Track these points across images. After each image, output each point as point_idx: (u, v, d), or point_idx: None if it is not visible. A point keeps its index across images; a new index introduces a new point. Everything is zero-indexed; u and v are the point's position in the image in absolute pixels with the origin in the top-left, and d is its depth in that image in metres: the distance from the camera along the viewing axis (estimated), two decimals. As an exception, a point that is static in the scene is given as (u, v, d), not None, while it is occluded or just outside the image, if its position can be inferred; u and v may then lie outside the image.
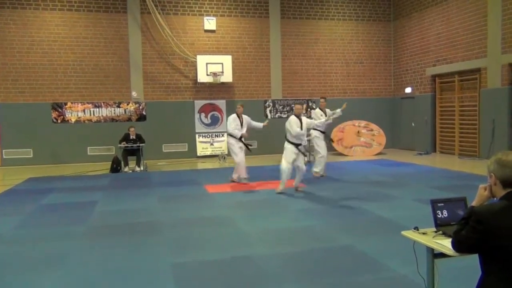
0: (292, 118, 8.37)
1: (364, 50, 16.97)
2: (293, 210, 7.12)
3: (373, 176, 10.48)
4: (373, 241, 5.33)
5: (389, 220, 6.30)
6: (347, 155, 15.06)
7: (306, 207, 7.32)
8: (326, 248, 5.14)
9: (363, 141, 15.52)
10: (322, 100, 10.81)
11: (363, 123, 15.98)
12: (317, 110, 10.62)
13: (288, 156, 8.28)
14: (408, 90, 16.33)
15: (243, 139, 9.57)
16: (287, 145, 8.33)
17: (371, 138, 15.62)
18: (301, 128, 8.26)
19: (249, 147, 10.04)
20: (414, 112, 16.10)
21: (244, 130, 9.56)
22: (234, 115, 9.68)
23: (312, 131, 10.37)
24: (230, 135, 9.59)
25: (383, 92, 17.32)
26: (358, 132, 15.66)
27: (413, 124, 16.16)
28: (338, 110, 10.77)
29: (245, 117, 9.75)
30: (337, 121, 15.90)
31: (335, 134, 15.61)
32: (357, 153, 15.18)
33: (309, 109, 16.24)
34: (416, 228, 3.12)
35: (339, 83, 16.77)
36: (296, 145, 8.28)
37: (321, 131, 10.40)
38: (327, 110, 10.66)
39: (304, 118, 8.51)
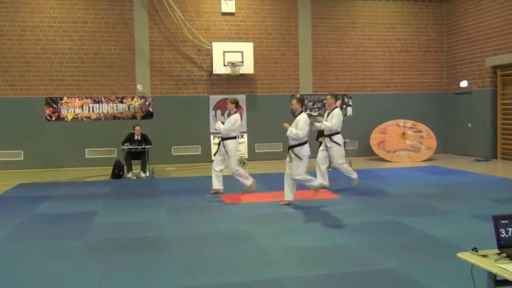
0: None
1: (410, 36, 16.78)
2: (324, 226, 7.07)
3: (420, 186, 10.36)
4: (421, 265, 5.23)
5: (440, 239, 6.19)
6: (389, 161, 14.92)
7: (339, 222, 7.26)
8: (362, 272, 5.08)
9: (409, 144, 15.36)
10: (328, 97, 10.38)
11: (409, 123, 15.81)
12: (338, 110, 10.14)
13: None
14: (463, 84, 16.08)
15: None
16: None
17: (419, 141, 15.44)
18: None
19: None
20: (470, 111, 15.85)
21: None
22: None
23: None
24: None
25: (434, 86, 17.10)
26: (404, 133, 15.50)
27: (469, 125, 15.90)
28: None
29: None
30: (378, 120, 15.84)
31: (375, 136, 15.49)
32: (402, 158, 15.02)
33: (344, 106, 16.16)
34: (475, 250, 3.06)
35: (380, 75, 16.64)
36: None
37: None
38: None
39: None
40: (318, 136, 13.35)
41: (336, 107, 10.00)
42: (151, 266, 5.37)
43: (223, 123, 9.62)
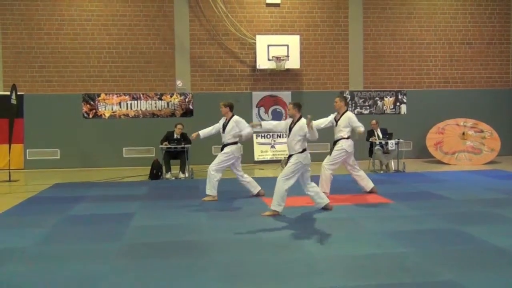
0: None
1: (472, 27, 16.35)
2: (376, 233, 6.97)
3: (482, 191, 10.11)
4: (483, 278, 5.10)
5: (504, 250, 6.02)
6: (448, 164, 14.60)
7: (393, 229, 7.15)
8: (420, 283, 4.98)
9: (470, 145, 14.99)
10: (336, 99, 10.12)
11: (470, 122, 15.43)
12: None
13: None
14: (532, 79, 15.57)
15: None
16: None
17: (481, 142, 15.05)
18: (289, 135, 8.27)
19: None
20: (540, 109, 15.33)
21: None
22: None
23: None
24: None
25: (498, 82, 16.60)
26: (464, 133, 15.15)
27: (538, 124, 15.38)
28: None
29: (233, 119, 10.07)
30: (436, 119, 15.50)
31: (431, 136, 15.19)
32: (462, 161, 14.67)
33: (398, 104, 15.90)
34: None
35: (438, 70, 16.28)
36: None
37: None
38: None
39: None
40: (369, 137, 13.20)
41: (347, 110, 9.88)
42: (189, 271, 5.42)
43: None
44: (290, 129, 8.21)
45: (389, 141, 12.89)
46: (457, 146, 15.00)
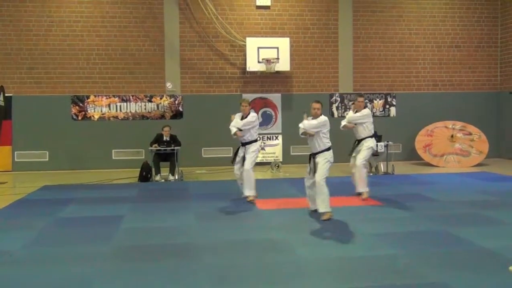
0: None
1: (461, 30, 16.47)
2: (366, 235, 7.00)
3: (470, 193, 10.17)
4: (473, 279, 5.15)
5: (493, 252, 6.07)
6: (436, 166, 14.67)
7: (383, 231, 7.19)
8: (411, 285, 5.01)
9: (459, 148, 15.08)
10: (360, 99, 10.03)
11: (458, 124, 15.52)
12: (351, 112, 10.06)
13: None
14: (520, 82, 15.71)
15: (250, 145, 9.50)
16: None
17: (469, 145, 15.14)
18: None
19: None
20: (527, 111, 15.47)
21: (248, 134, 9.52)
22: (239, 113, 9.68)
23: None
24: None
25: (486, 85, 16.73)
26: (452, 136, 15.23)
27: (526, 127, 15.51)
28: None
29: (250, 115, 9.62)
30: (425, 122, 15.60)
31: (420, 138, 15.27)
32: (451, 163, 14.76)
33: (387, 106, 15.97)
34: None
35: (427, 73, 16.38)
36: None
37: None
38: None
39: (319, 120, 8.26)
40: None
41: (366, 107, 10.11)
42: (179, 274, 5.41)
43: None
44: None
45: (379, 144, 12.93)
46: (445, 148, 15.09)
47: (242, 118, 9.48)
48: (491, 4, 16.58)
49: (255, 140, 9.59)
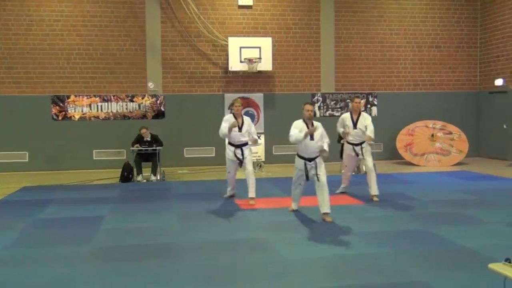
0: (296, 123, 8.02)
1: (442, 30, 16.65)
2: (348, 234, 7.05)
3: (450, 192, 10.28)
4: (452, 277, 5.21)
5: (472, 250, 6.16)
6: (417, 165, 14.81)
7: (364, 230, 7.24)
8: (391, 284, 5.06)
9: (439, 147, 15.24)
10: (357, 100, 9.78)
11: (439, 124, 15.68)
12: (346, 115, 9.87)
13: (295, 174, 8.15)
14: (498, 82, 15.90)
15: (246, 147, 9.31)
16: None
17: (449, 144, 15.31)
18: (311, 138, 7.78)
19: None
20: (506, 111, 15.66)
21: (244, 136, 9.26)
22: (229, 115, 9.41)
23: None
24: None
25: (466, 84, 16.93)
26: (433, 135, 15.38)
27: (505, 126, 15.70)
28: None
29: (246, 118, 9.41)
30: (405, 121, 15.75)
31: (401, 137, 15.40)
32: (431, 162, 14.91)
33: (369, 106, 16.08)
34: (508, 260, 3.03)
35: (408, 73, 16.53)
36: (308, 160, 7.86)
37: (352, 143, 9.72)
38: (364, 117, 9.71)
39: (319, 125, 7.99)
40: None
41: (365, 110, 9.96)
42: (161, 275, 5.40)
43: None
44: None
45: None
46: (426, 147, 15.24)
47: (235, 118, 9.21)
48: (471, 4, 16.78)
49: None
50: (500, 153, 15.88)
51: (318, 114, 15.73)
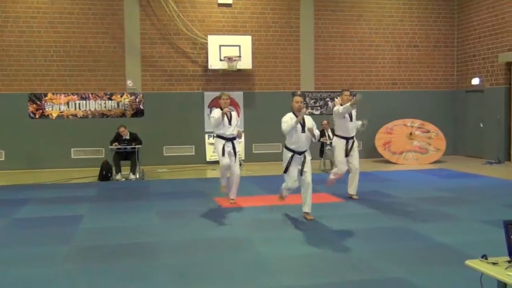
0: (286, 115, 7.77)
1: (419, 30, 16.81)
2: (326, 231, 7.09)
3: (428, 190, 10.39)
4: (429, 273, 5.27)
5: (449, 246, 6.24)
6: (395, 163, 14.94)
7: (343, 227, 7.28)
8: (368, 280, 5.10)
9: (417, 145, 15.38)
10: (346, 93, 9.52)
11: (417, 122, 15.83)
12: (336, 108, 9.54)
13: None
14: (475, 81, 16.11)
15: (235, 142, 9.04)
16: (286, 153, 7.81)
17: (427, 142, 15.46)
18: (303, 130, 7.60)
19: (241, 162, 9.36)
20: (483, 110, 15.88)
21: (233, 130, 8.98)
22: (217, 109, 9.03)
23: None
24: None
25: (443, 83, 17.13)
26: (411, 134, 15.52)
27: (481, 125, 15.93)
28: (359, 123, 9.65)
29: (233, 113, 9.16)
30: (384, 119, 15.87)
31: (380, 136, 15.52)
32: (409, 160, 15.05)
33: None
34: (485, 257, 3.08)
35: (387, 72, 16.66)
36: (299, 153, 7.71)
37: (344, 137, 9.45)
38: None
39: (308, 118, 7.82)
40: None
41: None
42: (140, 274, 5.38)
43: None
44: (304, 124, 7.67)
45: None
46: (404, 146, 15.38)
47: (222, 112, 8.85)
48: (447, 4, 16.98)
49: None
50: (476, 151, 16.10)
51: (297, 113, 15.76)
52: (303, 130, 7.62)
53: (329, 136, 13.47)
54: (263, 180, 11.94)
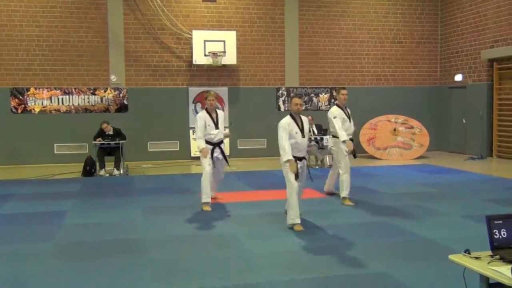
0: (283, 122, 7.09)
1: (403, 26, 16.92)
2: (312, 227, 7.12)
3: (412, 185, 10.49)
4: (412, 268, 5.32)
5: (432, 241, 6.30)
6: (379, 159, 15.04)
7: (328, 223, 7.32)
8: (353, 275, 5.15)
9: (401, 141, 15.49)
10: (343, 92, 8.99)
11: (400, 118, 15.95)
12: (334, 108, 9.04)
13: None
14: (458, 77, 16.26)
15: (222, 145, 8.68)
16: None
17: (411, 138, 15.58)
18: (302, 134, 7.12)
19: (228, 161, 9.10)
20: (465, 106, 16.03)
21: (220, 131, 8.53)
22: (203, 112, 8.54)
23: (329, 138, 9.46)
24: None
25: (427, 79, 17.26)
26: (395, 129, 15.63)
27: (464, 121, 16.09)
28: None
29: (220, 112, 8.67)
30: (368, 115, 15.95)
31: (364, 132, 15.60)
32: (393, 156, 15.16)
33: (333, 101, 16.23)
34: (467, 252, 3.12)
35: (371, 68, 16.75)
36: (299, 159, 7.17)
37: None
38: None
39: (305, 120, 7.30)
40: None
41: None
42: (125, 270, 5.36)
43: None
44: (303, 128, 7.18)
45: (324, 137, 13.21)
46: (388, 141, 15.48)
47: (209, 113, 8.45)
48: (431, 1, 17.09)
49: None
50: (459, 147, 16.26)
51: (282, 108, 15.81)
52: (303, 135, 7.13)
53: (313, 131, 13.53)
54: (248, 175, 11.95)
